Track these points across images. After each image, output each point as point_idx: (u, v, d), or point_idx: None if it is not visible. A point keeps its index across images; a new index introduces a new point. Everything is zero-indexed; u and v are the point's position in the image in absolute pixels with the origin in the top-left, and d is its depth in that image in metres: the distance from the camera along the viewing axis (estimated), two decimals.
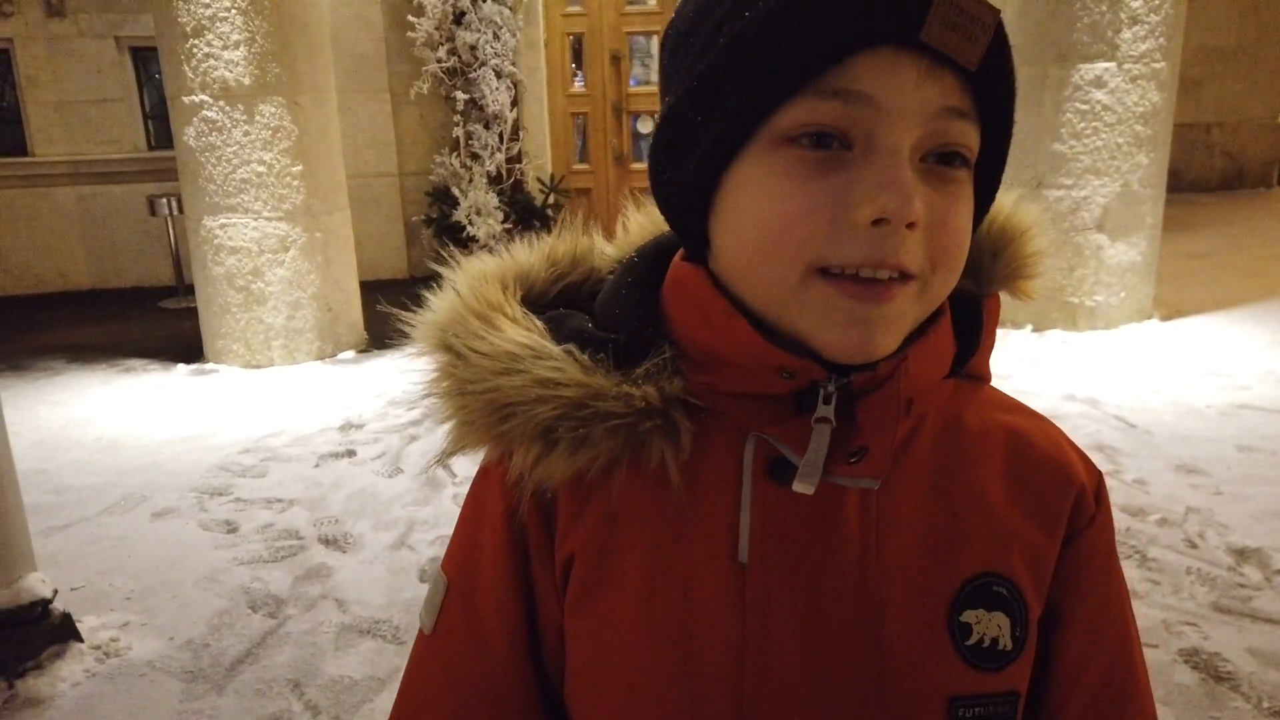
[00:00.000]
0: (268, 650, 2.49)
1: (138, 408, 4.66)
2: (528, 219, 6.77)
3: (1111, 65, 4.88)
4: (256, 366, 5.18)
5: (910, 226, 0.53)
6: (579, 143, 8.04)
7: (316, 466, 3.76)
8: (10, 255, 7.71)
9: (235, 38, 4.86)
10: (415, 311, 0.67)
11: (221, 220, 5.08)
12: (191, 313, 5.60)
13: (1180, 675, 2.23)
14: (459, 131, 6.81)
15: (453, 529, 0.72)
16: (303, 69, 5.08)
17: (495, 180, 6.83)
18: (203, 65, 4.88)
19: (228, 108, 4.94)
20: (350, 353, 5.41)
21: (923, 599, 0.60)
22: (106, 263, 7.84)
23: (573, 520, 0.63)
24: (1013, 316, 5.33)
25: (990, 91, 0.55)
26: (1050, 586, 0.64)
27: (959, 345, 0.65)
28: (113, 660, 2.47)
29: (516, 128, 6.93)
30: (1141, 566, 2.72)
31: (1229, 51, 8.96)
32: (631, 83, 7.82)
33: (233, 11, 4.83)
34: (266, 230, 5.09)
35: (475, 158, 6.80)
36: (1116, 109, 4.93)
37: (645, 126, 7.88)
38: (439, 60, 6.69)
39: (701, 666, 0.60)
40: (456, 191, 6.76)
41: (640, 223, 0.72)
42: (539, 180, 7.25)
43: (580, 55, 7.85)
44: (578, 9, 7.71)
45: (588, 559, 0.62)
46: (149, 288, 7.71)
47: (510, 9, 6.68)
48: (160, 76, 5.29)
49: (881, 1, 0.50)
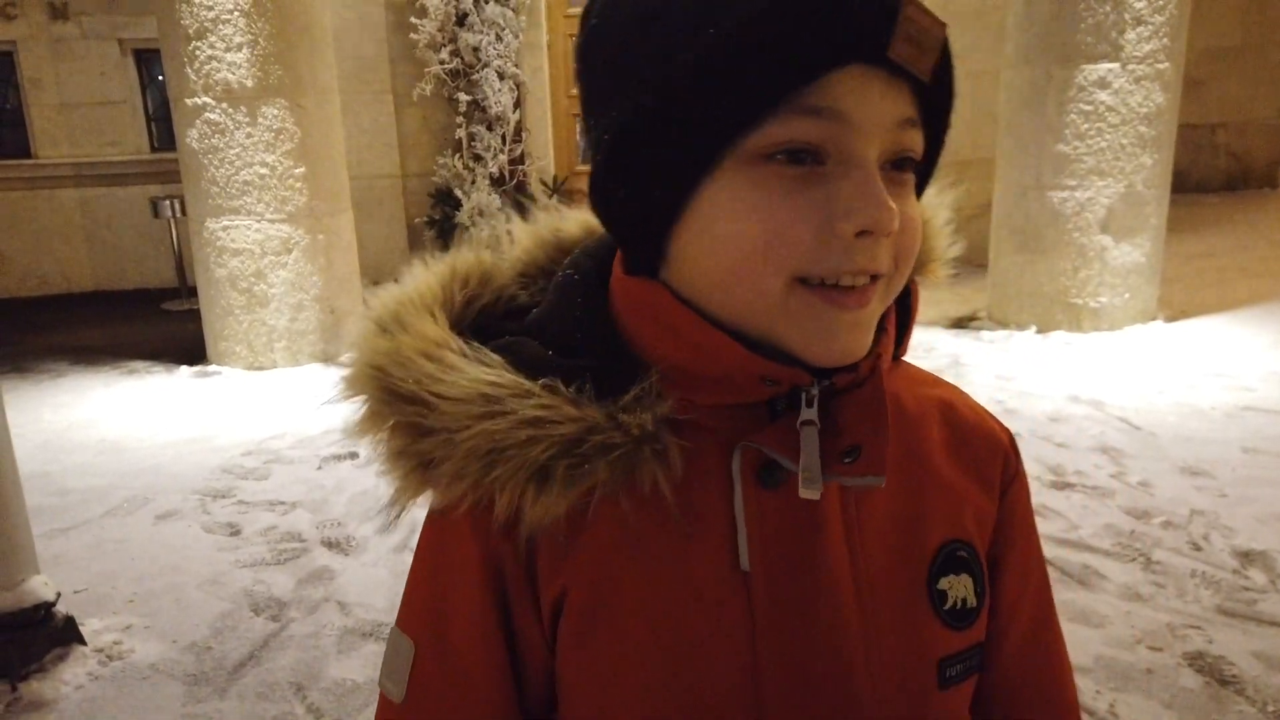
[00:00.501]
0: (270, 653, 2.49)
1: (141, 410, 4.67)
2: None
3: (1115, 66, 4.87)
4: (259, 368, 5.18)
5: (888, 235, 0.55)
6: (582, 144, 8.04)
7: (319, 469, 3.76)
8: (13, 257, 7.72)
9: (238, 40, 4.86)
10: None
11: (224, 222, 5.08)
12: (194, 314, 5.60)
13: (1185, 679, 2.22)
14: (461, 133, 6.81)
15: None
16: (305, 71, 5.08)
17: (498, 182, 6.84)
18: (205, 67, 4.89)
19: (230, 110, 4.94)
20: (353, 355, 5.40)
21: (905, 575, 0.64)
22: (109, 265, 7.85)
23: (560, 555, 0.60)
24: (1017, 318, 5.32)
25: (937, 100, 0.57)
26: (990, 539, 0.69)
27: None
28: (115, 663, 2.47)
29: (519, 129, 6.94)
30: (1146, 570, 2.71)
31: (1233, 51, 8.93)
32: None
33: (235, 14, 4.83)
34: (269, 232, 5.09)
35: (478, 159, 6.80)
36: (1120, 110, 4.92)
37: None
38: (442, 62, 6.70)
39: (716, 678, 0.60)
40: (459, 193, 6.76)
41: (527, 230, 0.71)
42: (542, 182, 7.25)
43: None
44: (580, 10, 7.70)
45: (585, 591, 0.61)
46: (152, 289, 7.72)
47: (513, 10, 6.68)
48: (163, 78, 5.28)
49: (852, 20, 0.51)
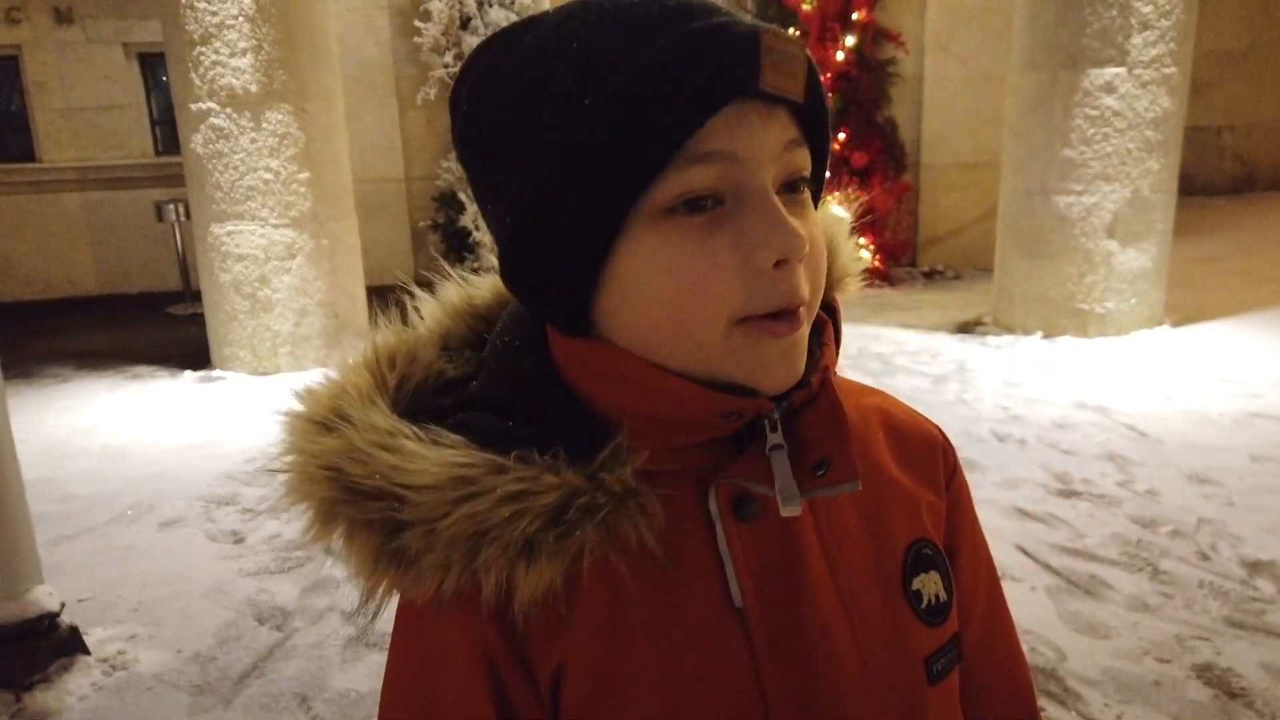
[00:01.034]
0: (274, 663, 2.48)
1: (145, 415, 4.67)
2: None
3: (1121, 70, 4.86)
4: (263, 373, 5.18)
5: (802, 260, 0.57)
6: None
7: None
8: (18, 261, 7.74)
9: (242, 45, 4.87)
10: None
11: (229, 227, 5.08)
12: (199, 318, 5.61)
13: (1193, 691, 2.21)
14: None
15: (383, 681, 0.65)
16: (309, 76, 5.08)
17: None
18: (210, 73, 4.89)
19: (235, 115, 4.94)
20: None
21: (883, 582, 0.66)
22: (114, 268, 7.86)
23: (553, 630, 0.59)
24: (1023, 323, 5.30)
25: (813, 117, 0.59)
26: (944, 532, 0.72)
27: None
28: (120, 673, 2.46)
29: None
30: (1154, 580, 2.70)
31: (1240, 54, 8.91)
32: None
33: (240, 19, 4.83)
34: (273, 237, 5.09)
35: None
36: (1127, 114, 4.90)
37: None
38: (445, 65, 6.71)
39: (728, 716, 0.61)
40: (463, 196, 6.76)
41: (438, 306, 0.69)
42: None
43: None
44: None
45: (586, 659, 0.60)
46: (156, 293, 7.73)
47: (517, 14, 6.68)
48: (167, 81, 5.29)
49: (721, 63, 0.54)
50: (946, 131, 7.16)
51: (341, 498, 0.58)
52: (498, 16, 6.57)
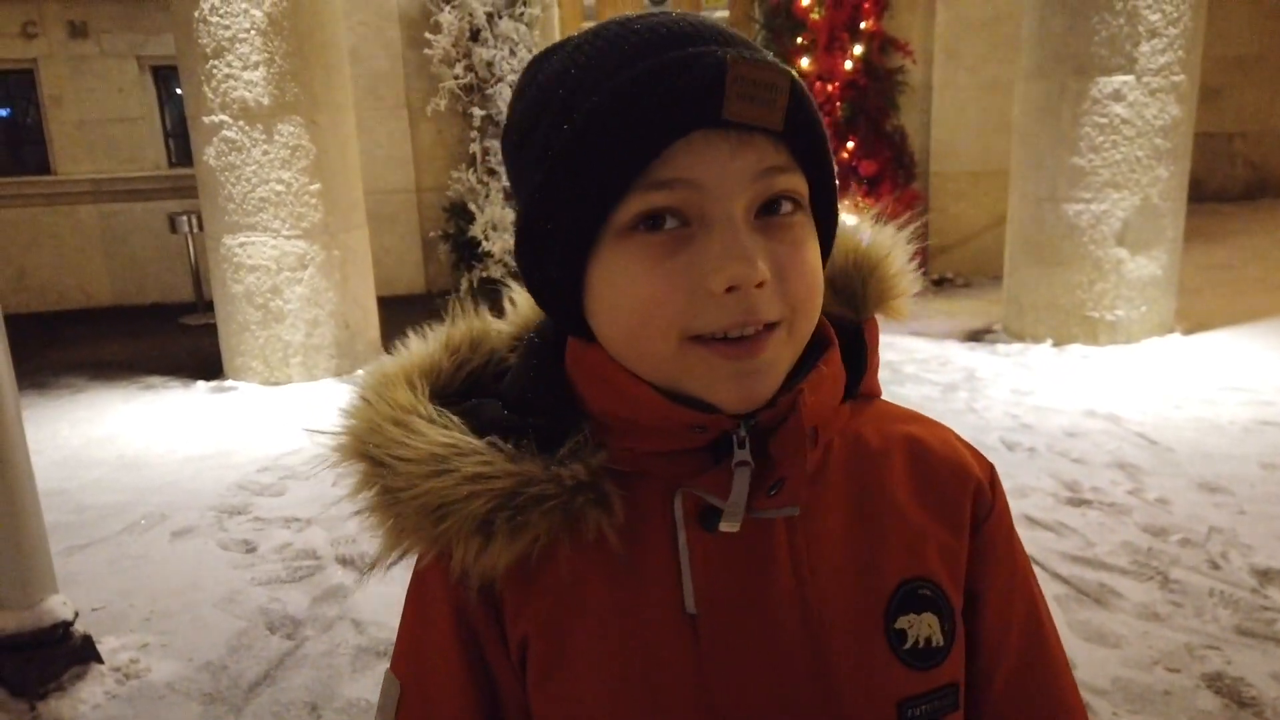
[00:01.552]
0: (285, 672, 2.50)
1: (158, 425, 4.70)
2: None
3: (1130, 78, 4.86)
4: (275, 383, 5.21)
5: (760, 286, 0.57)
6: None
7: (334, 485, 3.75)
8: (34, 272, 7.80)
9: (255, 58, 4.91)
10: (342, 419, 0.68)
11: (241, 239, 5.12)
12: (211, 329, 5.64)
13: (1203, 701, 2.20)
14: (476, 147, 6.85)
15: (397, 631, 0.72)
16: (321, 88, 5.12)
17: (512, 195, 6.86)
18: (223, 86, 4.94)
19: (247, 127, 4.98)
20: None
21: (859, 614, 0.64)
22: (128, 279, 7.92)
23: (520, 603, 0.65)
24: (1033, 331, 5.29)
25: (801, 142, 0.60)
26: (964, 576, 0.69)
27: (850, 369, 0.69)
28: (133, 682, 2.48)
29: None
30: (1164, 588, 2.69)
31: (1250, 60, 8.89)
32: None
33: (252, 33, 4.88)
34: (285, 248, 5.13)
35: (492, 173, 6.83)
36: (1135, 122, 4.90)
37: None
38: (456, 77, 6.74)
39: (673, 718, 0.63)
40: (473, 207, 6.79)
41: (526, 296, 0.74)
42: None
43: None
44: (593, 25, 7.73)
45: (542, 638, 0.64)
46: (170, 304, 7.78)
47: (526, 25, 6.72)
48: (181, 94, 5.35)
49: (682, 93, 0.55)
50: (955, 140, 7.16)
51: (357, 459, 0.66)
52: (507, 28, 6.61)
